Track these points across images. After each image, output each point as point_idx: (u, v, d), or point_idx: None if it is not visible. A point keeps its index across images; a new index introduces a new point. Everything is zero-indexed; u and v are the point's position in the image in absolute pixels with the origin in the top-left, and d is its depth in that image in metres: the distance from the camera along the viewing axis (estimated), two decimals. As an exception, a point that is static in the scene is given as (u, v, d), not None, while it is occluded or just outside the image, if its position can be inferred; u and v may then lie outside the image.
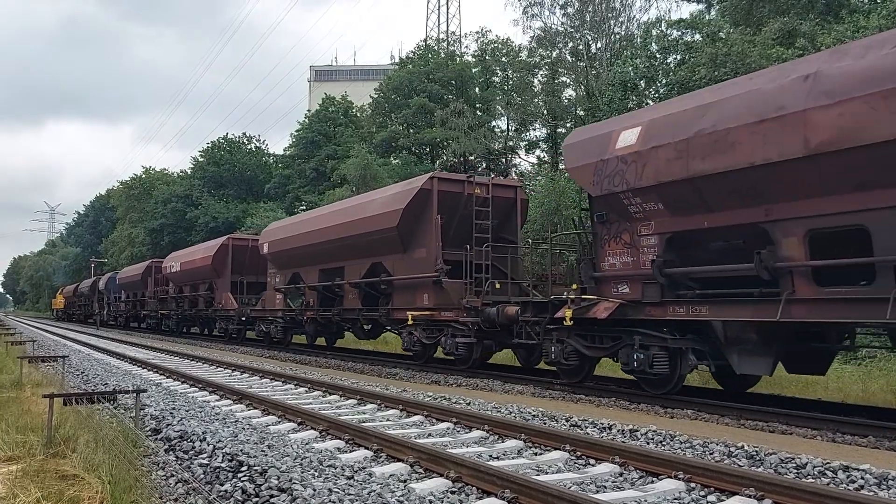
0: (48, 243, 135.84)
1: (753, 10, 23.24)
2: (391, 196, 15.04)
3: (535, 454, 6.22)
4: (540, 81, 35.58)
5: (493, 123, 38.20)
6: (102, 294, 46.09)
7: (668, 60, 23.08)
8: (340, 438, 6.71)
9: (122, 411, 8.01)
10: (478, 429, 7.22)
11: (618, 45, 29.74)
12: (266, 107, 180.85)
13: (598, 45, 30.34)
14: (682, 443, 6.58)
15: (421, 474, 5.42)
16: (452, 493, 4.88)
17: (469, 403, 9.15)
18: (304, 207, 40.39)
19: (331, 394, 10.21)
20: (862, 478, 5.27)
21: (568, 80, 33.97)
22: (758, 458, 5.89)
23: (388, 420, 8.10)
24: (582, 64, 30.72)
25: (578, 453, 6.01)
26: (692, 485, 5.04)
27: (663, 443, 6.67)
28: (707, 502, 4.78)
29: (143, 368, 14.63)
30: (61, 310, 63.79)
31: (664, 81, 21.94)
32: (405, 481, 5.16)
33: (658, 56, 23.28)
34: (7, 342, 19.05)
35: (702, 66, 19.65)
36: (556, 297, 11.01)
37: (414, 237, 14.33)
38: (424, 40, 50.10)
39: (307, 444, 6.52)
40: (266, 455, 5.76)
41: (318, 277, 18.45)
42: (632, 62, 23.05)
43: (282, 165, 50.04)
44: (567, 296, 10.56)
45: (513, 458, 6.10)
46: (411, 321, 14.37)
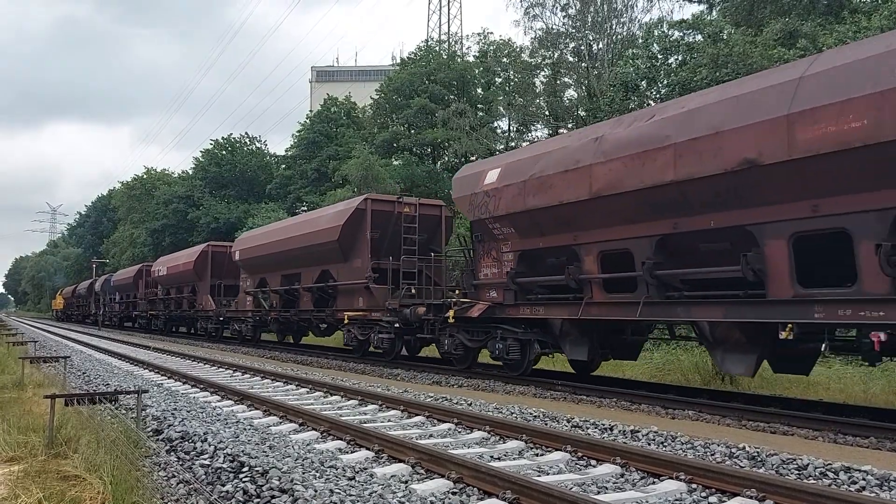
0: (50, 244, 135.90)
1: (755, 10, 23.23)
2: (334, 213, 17.62)
3: (537, 455, 6.22)
4: (541, 82, 35.58)
5: (495, 124, 38.20)
6: (98, 295, 47.78)
7: (670, 61, 23.04)
8: (342, 439, 6.71)
9: (123, 412, 8.01)
10: (479, 429, 7.22)
11: (619, 46, 29.71)
12: (267, 107, 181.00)
13: (600, 45, 30.32)
14: (683, 444, 6.58)
15: (422, 475, 5.43)
16: (454, 493, 4.88)
17: (470, 404, 9.15)
18: (305, 208, 40.39)
19: (332, 394, 10.22)
20: (863, 479, 5.27)
21: (569, 81, 33.96)
22: (759, 459, 5.89)
23: (389, 421, 8.10)
24: (583, 64, 30.70)
25: (580, 454, 6.01)
26: (693, 486, 5.04)
27: (665, 444, 6.67)
28: (708, 503, 4.77)
29: (145, 369, 14.65)
30: (61, 310, 66.33)
31: (665, 82, 21.89)
32: (406, 482, 5.16)
33: (659, 57, 23.24)
34: (9, 343, 19.08)
35: (703, 67, 19.64)
36: (446, 300, 13.61)
37: (352, 249, 16.86)
38: (426, 41, 50.12)
39: (308, 444, 6.52)
40: (267, 456, 5.76)
41: (280, 282, 20.79)
42: (633, 63, 23.01)
43: (283, 166, 49.99)
44: (451, 300, 13.29)
45: (514, 458, 6.11)
46: (347, 320, 17.02)
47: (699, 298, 9.08)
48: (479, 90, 39.41)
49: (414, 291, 15.19)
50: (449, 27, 62.32)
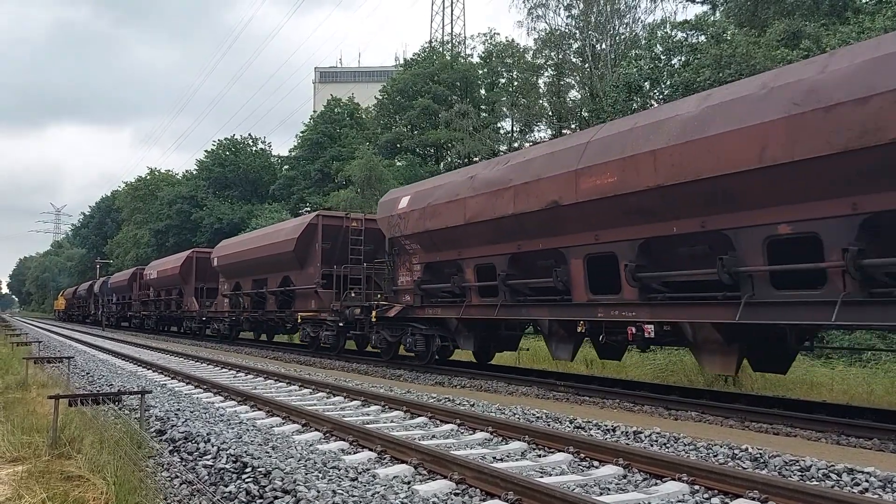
0: (54, 244, 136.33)
1: (758, 11, 23.20)
2: (292, 227, 20.42)
3: (539, 456, 6.22)
4: (545, 83, 35.59)
5: (498, 125, 38.19)
6: (97, 297, 49.40)
7: (673, 62, 23.00)
8: (344, 440, 6.72)
9: (127, 412, 8.03)
10: (482, 430, 7.23)
11: (623, 47, 29.69)
12: (270, 109, 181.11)
13: (603, 46, 30.30)
14: (686, 445, 6.57)
15: (425, 476, 5.43)
16: (456, 494, 4.89)
17: (473, 405, 9.15)
18: (308, 209, 40.41)
19: (335, 395, 10.23)
20: (866, 481, 5.25)
21: (573, 82, 33.95)
22: (762, 461, 5.88)
23: (392, 422, 8.11)
24: (586, 65, 30.68)
25: (582, 455, 6.01)
26: (696, 487, 5.03)
27: (667, 445, 6.66)
28: (711, 505, 4.77)
29: (148, 369, 14.68)
30: (62, 310, 68.81)
31: (669, 83, 21.84)
32: (409, 483, 5.17)
33: (662, 58, 23.20)
34: (13, 343, 19.13)
35: (706, 68, 19.62)
36: (372, 302, 16.02)
37: (306, 258, 19.37)
38: (429, 42, 50.13)
39: (311, 445, 6.53)
40: (270, 456, 5.77)
41: (252, 286, 23.24)
42: (636, 64, 22.98)
43: (287, 167, 50.01)
44: (375, 302, 15.86)
45: (517, 459, 6.10)
46: (300, 320, 19.75)
47: (534, 302, 11.75)
48: (482, 91, 39.42)
49: (354, 295, 17.17)
50: (452, 28, 62.29)
